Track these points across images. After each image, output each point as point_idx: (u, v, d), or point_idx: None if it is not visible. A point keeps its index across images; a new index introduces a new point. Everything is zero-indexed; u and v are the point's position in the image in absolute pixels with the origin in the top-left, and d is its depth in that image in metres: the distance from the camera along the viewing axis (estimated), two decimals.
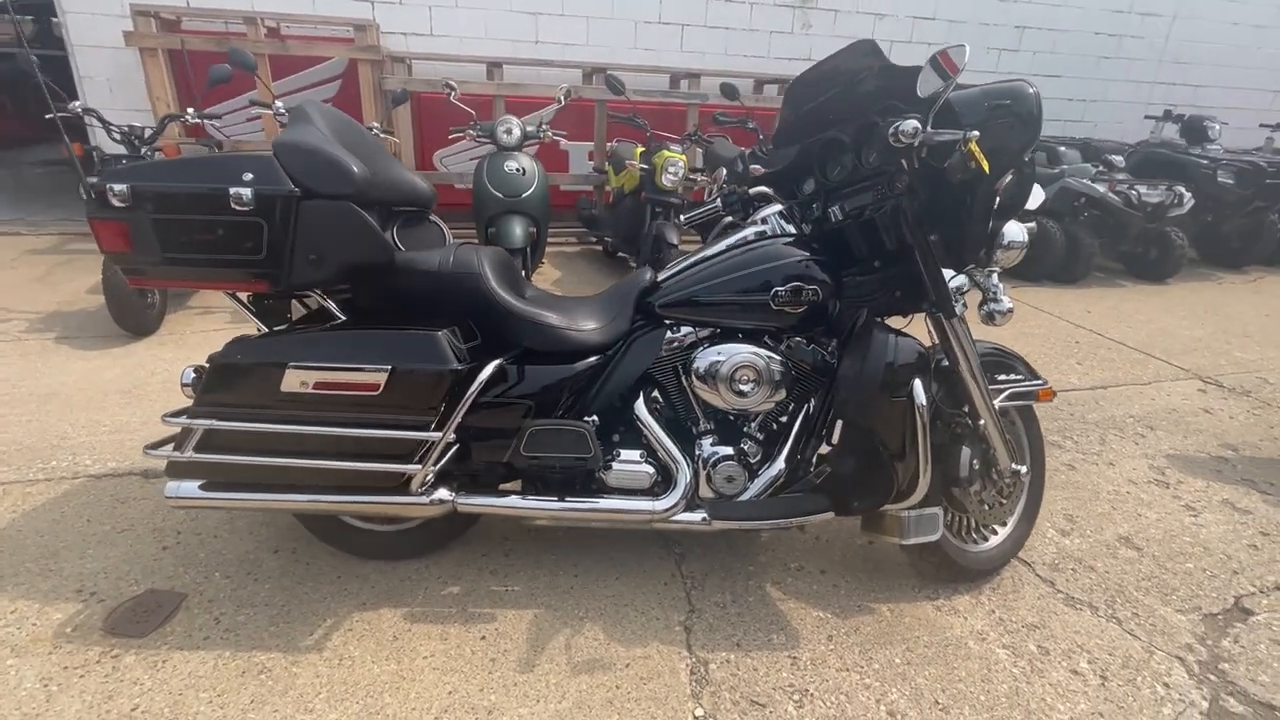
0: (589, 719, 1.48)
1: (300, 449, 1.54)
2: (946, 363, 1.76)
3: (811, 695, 1.57)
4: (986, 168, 1.37)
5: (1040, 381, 1.99)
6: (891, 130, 1.42)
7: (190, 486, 1.63)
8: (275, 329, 1.67)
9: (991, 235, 1.60)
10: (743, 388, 1.69)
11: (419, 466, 1.54)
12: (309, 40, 4.95)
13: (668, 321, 1.77)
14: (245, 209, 1.44)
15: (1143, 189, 5.32)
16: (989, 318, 1.74)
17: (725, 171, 4.00)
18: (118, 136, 3.41)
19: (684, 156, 4.12)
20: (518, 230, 3.69)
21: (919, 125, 1.39)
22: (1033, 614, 1.87)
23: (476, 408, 1.57)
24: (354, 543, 1.91)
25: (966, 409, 1.79)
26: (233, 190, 1.43)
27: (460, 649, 1.66)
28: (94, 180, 1.49)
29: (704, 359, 1.71)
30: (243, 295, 1.72)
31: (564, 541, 2.05)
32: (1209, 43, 7.89)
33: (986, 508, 1.93)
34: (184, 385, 1.63)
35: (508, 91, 5.29)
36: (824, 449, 1.84)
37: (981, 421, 1.78)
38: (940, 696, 1.59)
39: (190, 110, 3.61)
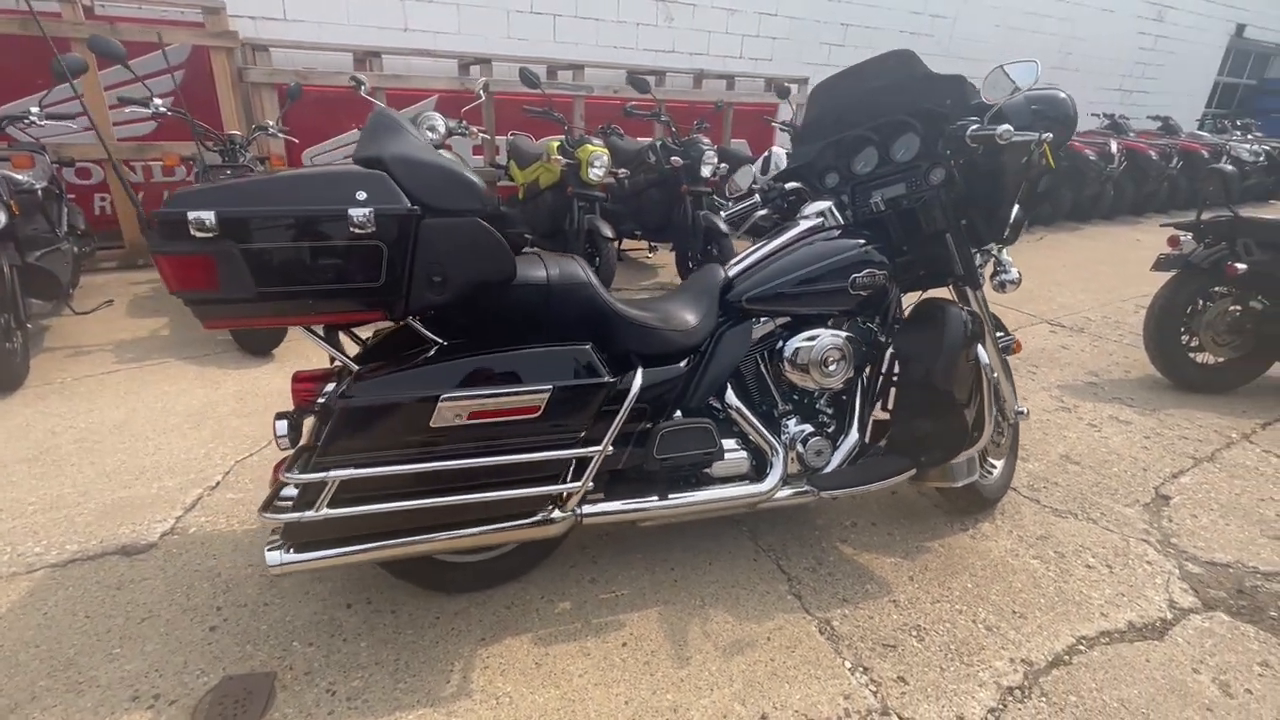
0: (764, 694, 1.57)
1: (450, 484, 1.43)
2: None
3: (924, 629, 1.80)
4: (1052, 163, 1.64)
5: (1012, 337, 2.38)
6: (971, 131, 1.64)
7: (298, 548, 1.44)
8: (365, 363, 1.51)
9: (1015, 218, 1.90)
10: (831, 368, 1.85)
11: (578, 483, 1.50)
12: (146, 24, 4.19)
13: (749, 315, 1.87)
14: (364, 232, 1.30)
15: None
16: (1000, 287, 2.07)
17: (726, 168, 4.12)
18: None
19: (606, 150, 4.15)
20: None
21: (1010, 127, 1.62)
22: (1039, 528, 2.26)
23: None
24: (447, 579, 1.79)
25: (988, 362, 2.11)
26: (351, 212, 1.29)
27: (608, 660, 1.65)
28: (165, 208, 1.25)
29: (794, 346, 1.84)
30: (317, 327, 1.54)
31: (643, 540, 2.08)
32: (981, 40, 9.42)
33: (994, 445, 2.28)
34: (279, 438, 1.43)
35: (387, 84, 4.90)
36: (880, 415, 2.06)
37: (995, 374, 2.11)
38: (1015, 606, 1.89)
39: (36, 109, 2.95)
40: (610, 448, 1.54)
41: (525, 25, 5.99)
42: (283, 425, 1.43)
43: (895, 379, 2.01)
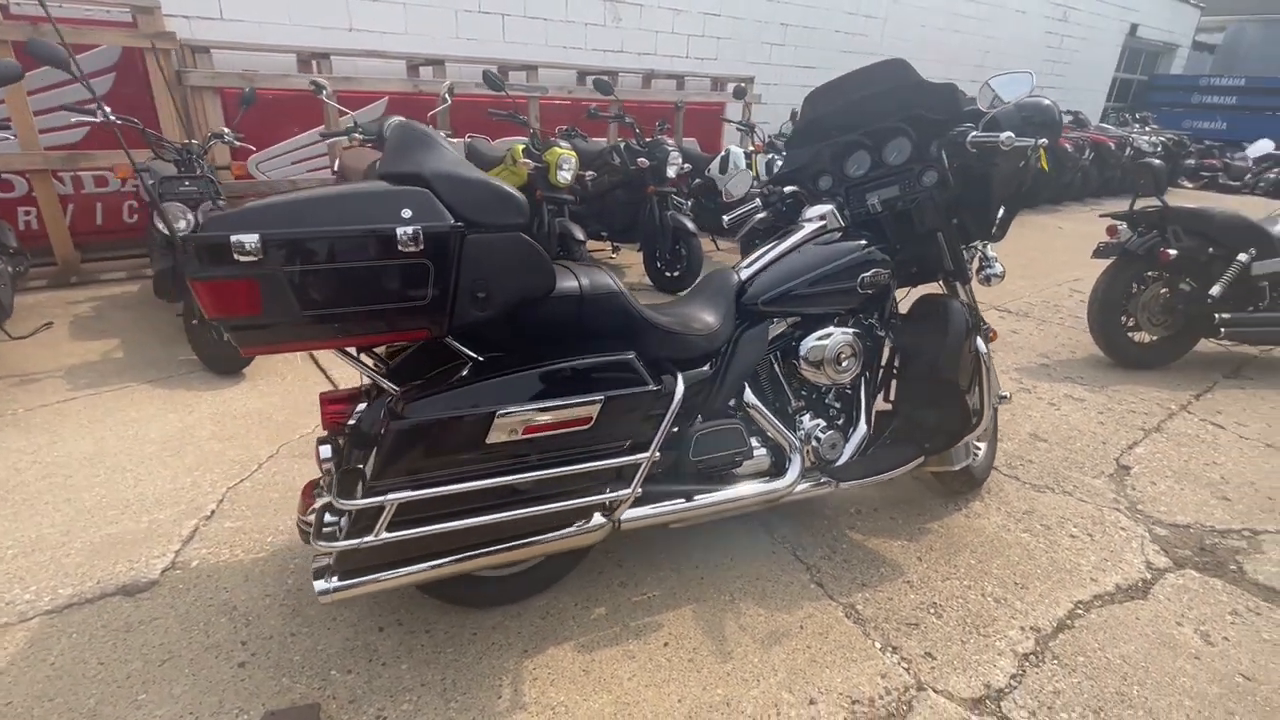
0: (808, 680, 1.64)
1: (503, 500, 1.42)
2: None
3: (940, 606, 1.91)
4: (1046, 166, 1.77)
5: (989, 327, 2.54)
6: (973, 137, 1.75)
7: (345, 575, 1.41)
8: (400, 383, 1.48)
9: (1003, 217, 2.03)
10: (843, 364, 1.93)
11: (627, 490, 1.52)
12: (74, 24, 3.89)
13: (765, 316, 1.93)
14: (412, 250, 1.28)
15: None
16: (986, 280, 2.20)
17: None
18: None
19: (575, 152, 4.14)
20: None
21: (1012, 134, 1.73)
22: (1023, 504, 2.43)
23: None
24: (478, 595, 1.78)
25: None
26: (398, 230, 1.27)
27: (653, 660, 1.69)
28: (204, 232, 1.20)
29: (809, 345, 1.91)
30: (352, 349, 1.50)
31: (664, 541, 2.12)
32: (909, 40, 9.85)
33: (981, 429, 2.43)
34: (323, 463, 1.39)
35: (337, 86, 4.72)
36: (881, 406, 2.17)
37: (991, 362, 2.25)
38: (1015, 578, 2.03)
39: None
40: (658, 453, 1.57)
41: (474, 25, 5.88)
42: (327, 450, 1.40)
43: (896, 371, 2.12)
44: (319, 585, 1.39)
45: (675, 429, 1.76)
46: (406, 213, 1.29)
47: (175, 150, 3.10)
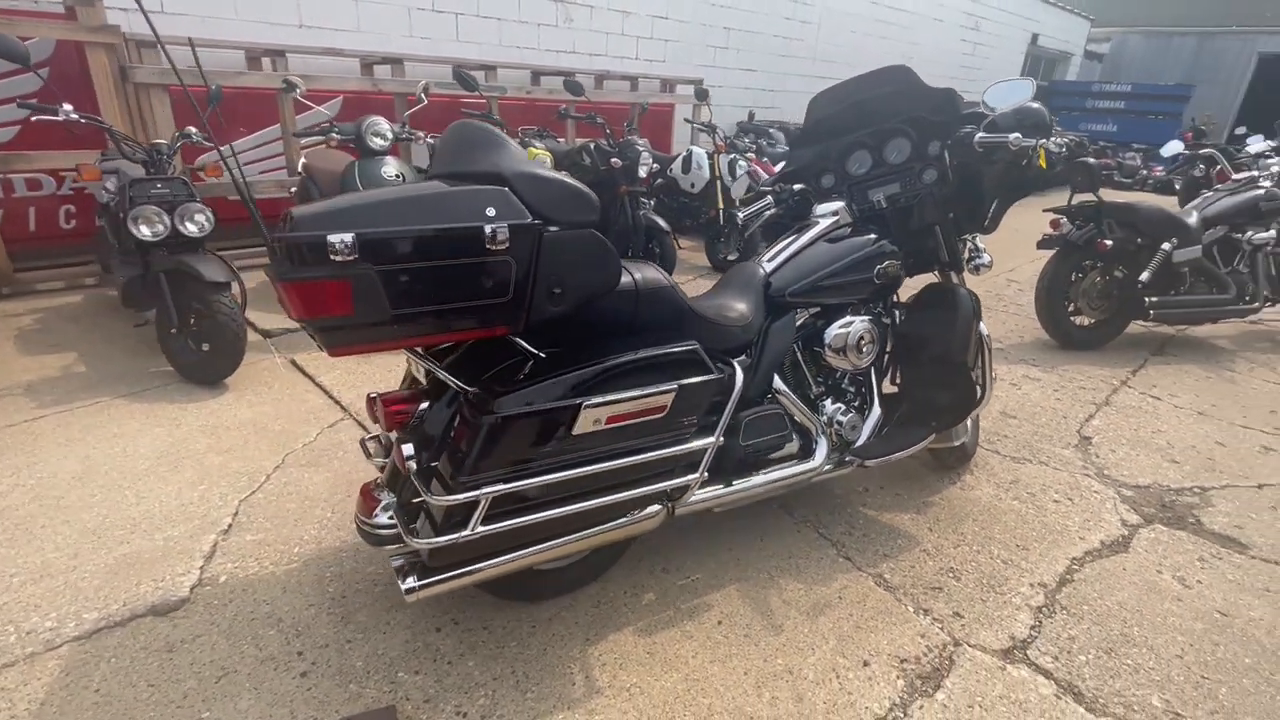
0: (858, 645, 1.76)
1: (583, 489, 1.46)
2: None
3: (957, 570, 2.07)
4: (1045, 165, 1.95)
5: None
6: (979, 138, 1.91)
7: (425, 573, 1.41)
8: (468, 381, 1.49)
9: (995, 210, 2.21)
10: (864, 350, 2.06)
11: (694, 474, 1.59)
12: (4, 15, 3.58)
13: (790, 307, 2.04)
14: (500, 247, 1.31)
15: None
16: (975, 270, 2.39)
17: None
18: None
19: (549, 153, 4.16)
20: None
21: (1019, 135, 1.90)
22: (1008, 474, 2.64)
23: None
24: (543, 586, 1.81)
25: None
26: (487, 228, 1.29)
27: (711, 638, 1.76)
28: (296, 232, 1.19)
29: (833, 333, 2.03)
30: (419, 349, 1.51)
31: (696, 527, 2.20)
32: (841, 45, 10.29)
33: (985, 405, 2.63)
34: (407, 460, 1.39)
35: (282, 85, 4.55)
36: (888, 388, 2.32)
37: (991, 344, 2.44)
38: (1016, 541, 2.22)
39: None
40: (721, 439, 1.65)
41: (428, 23, 5.78)
42: (409, 448, 1.40)
43: (904, 356, 2.27)
44: (406, 584, 1.40)
45: (746, 412, 1.85)
46: (490, 211, 1.31)
47: (143, 151, 2.93)
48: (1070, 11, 16.70)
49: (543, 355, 1.53)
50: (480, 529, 1.37)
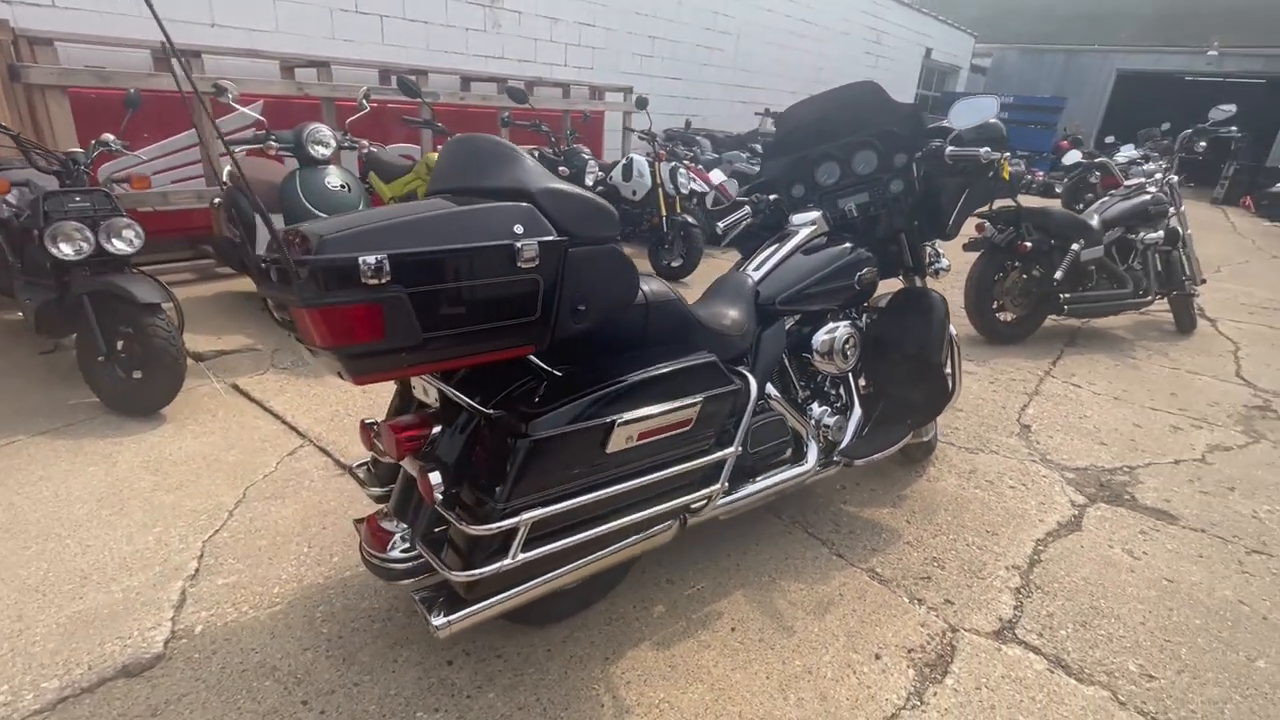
0: (866, 639, 1.83)
1: (614, 508, 1.44)
2: None
3: (939, 559, 2.19)
4: (1007, 177, 2.09)
5: None
6: (950, 151, 2.03)
7: (452, 606, 1.36)
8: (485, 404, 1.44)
9: (957, 218, 2.36)
10: (848, 354, 2.15)
11: (716, 485, 1.59)
12: None
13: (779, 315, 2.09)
14: (529, 265, 1.28)
15: None
16: (935, 274, 2.54)
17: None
18: None
19: None
20: None
21: (989, 149, 2.03)
22: (965, 465, 2.82)
23: None
24: (561, 606, 1.78)
25: None
26: (517, 245, 1.26)
27: (727, 645, 1.78)
28: (324, 255, 1.11)
29: (820, 338, 2.10)
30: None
31: (690, 536, 2.20)
32: (757, 56, 10.64)
33: (955, 400, 2.78)
34: (435, 487, 1.33)
35: (204, 88, 4.23)
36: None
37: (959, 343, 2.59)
38: (986, 527, 2.38)
39: None
40: (740, 448, 1.67)
41: (351, 25, 5.51)
42: (437, 477, 1.33)
43: (879, 357, 2.38)
44: (437, 620, 1.33)
45: (754, 419, 1.87)
46: (519, 228, 1.28)
47: (57, 160, 2.64)
48: (957, 28, 17.99)
49: (558, 373, 1.51)
50: (521, 555, 1.33)
